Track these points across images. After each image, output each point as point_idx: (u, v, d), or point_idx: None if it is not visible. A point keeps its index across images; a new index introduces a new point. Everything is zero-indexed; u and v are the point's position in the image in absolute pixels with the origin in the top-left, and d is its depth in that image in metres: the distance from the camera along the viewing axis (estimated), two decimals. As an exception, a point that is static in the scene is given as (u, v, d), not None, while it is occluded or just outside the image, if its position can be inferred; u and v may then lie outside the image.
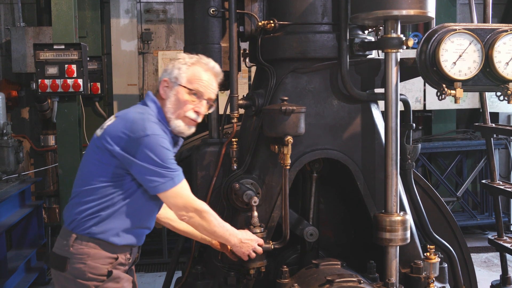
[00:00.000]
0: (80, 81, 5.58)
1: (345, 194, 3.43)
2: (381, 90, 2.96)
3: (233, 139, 3.09)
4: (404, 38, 2.78)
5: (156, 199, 2.58)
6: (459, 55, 2.73)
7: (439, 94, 2.77)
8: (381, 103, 3.02)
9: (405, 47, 2.79)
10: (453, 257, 3.24)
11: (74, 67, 5.58)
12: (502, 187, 4.04)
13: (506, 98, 2.79)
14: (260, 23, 3.11)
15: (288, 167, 2.89)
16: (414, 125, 3.20)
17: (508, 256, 4.17)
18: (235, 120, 3.14)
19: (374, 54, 3.31)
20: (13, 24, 6.96)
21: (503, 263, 4.12)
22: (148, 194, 2.54)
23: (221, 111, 3.43)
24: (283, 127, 2.84)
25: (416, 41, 6.06)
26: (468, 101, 7.38)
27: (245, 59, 3.44)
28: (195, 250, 3.22)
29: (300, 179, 3.28)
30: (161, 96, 2.63)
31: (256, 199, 2.93)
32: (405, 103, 3.18)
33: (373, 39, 3.19)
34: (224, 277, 3.04)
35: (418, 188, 3.36)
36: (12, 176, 5.68)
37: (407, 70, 3.00)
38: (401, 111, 2.87)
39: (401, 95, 2.96)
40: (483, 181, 4.26)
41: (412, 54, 3.19)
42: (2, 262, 4.93)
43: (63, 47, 5.56)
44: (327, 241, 3.40)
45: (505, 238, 4.09)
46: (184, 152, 3.53)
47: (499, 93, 2.83)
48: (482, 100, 4.11)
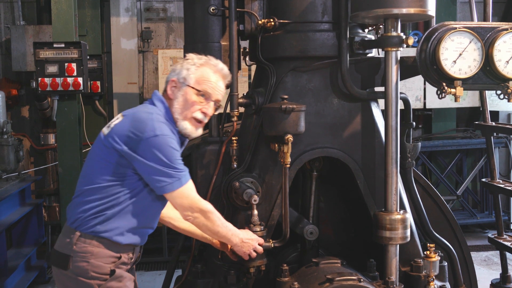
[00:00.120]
0: (80, 80, 5.57)
1: (345, 193, 3.43)
2: (381, 89, 2.96)
3: (233, 138, 3.09)
4: (404, 37, 2.78)
5: (162, 199, 2.58)
6: (459, 54, 2.73)
7: (439, 92, 2.77)
8: (381, 102, 3.02)
9: (405, 45, 2.78)
10: (453, 255, 3.24)
11: (74, 65, 5.56)
12: (502, 186, 4.03)
13: (506, 97, 2.79)
14: (260, 22, 3.10)
15: (288, 166, 2.89)
16: (414, 123, 3.20)
17: (508, 255, 4.17)
18: (235, 119, 3.15)
19: (374, 53, 3.31)
20: (13, 22, 6.95)
21: (503, 262, 4.12)
22: (154, 194, 2.54)
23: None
24: (283, 125, 2.83)
25: (416, 39, 6.02)
26: (468, 99, 7.38)
27: (245, 58, 3.44)
28: (195, 248, 3.22)
29: (300, 178, 3.28)
30: (169, 96, 2.63)
31: (256, 197, 2.92)
32: (405, 101, 3.18)
33: (373, 38, 3.19)
34: (224, 275, 3.04)
35: (418, 186, 3.36)
36: (12, 174, 5.67)
37: (407, 69, 3.00)
38: (401, 110, 2.87)
39: (401, 93, 2.96)
40: (483, 179, 4.26)
41: (412, 52, 3.18)
42: (2, 261, 4.93)
43: (63, 45, 5.55)
44: (327, 239, 3.40)
45: (505, 236, 4.08)
46: (184, 151, 3.52)
47: (499, 92, 2.83)
48: (482, 99, 4.10)
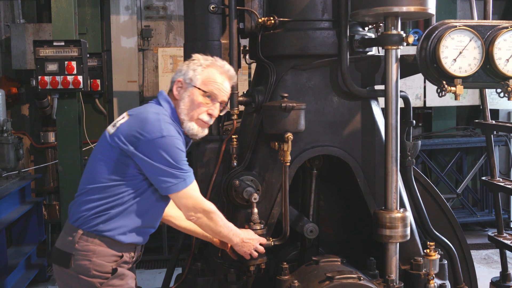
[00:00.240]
0: (80, 78, 5.57)
1: (345, 191, 3.43)
2: (381, 87, 2.96)
3: (233, 136, 3.09)
4: (404, 35, 2.78)
5: (165, 199, 2.58)
6: (459, 52, 2.72)
7: (439, 91, 2.77)
8: (381, 100, 3.02)
9: (405, 44, 2.78)
10: (453, 254, 3.24)
11: (74, 64, 5.56)
12: (502, 184, 4.03)
13: (506, 95, 2.78)
14: (260, 20, 3.10)
15: (288, 164, 2.89)
16: (414, 122, 3.21)
17: (508, 253, 4.16)
18: (235, 117, 3.14)
19: (374, 51, 3.31)
20: (12, 20, 6.95)
21: (503, 260, 4.12)
22: (158, 194, 2.54)
23: (221, 108, 3.43)
24: (283, 124, 2.83)
25: (416, 38, 6.02)
26: (468, 98, 7.37)
27: (245, 56, 3.44)
28: (195, 247, 3.22)
29: (300, 176, 3.28)
30: (175, 97, 2.62)
31: (256, 196, 2.92)
32: (405, 100, 3.18)
33: (373, 36, 3.19)
34: (224, 274, 3.04)
35: (418, 185, 3.36)
36: (12, 173, 5.68)
37: (407, 67, 3.00)
38: (401, 108, 2.87)
39: (401, 92, 2.96)
40: (483, 178, 4.25)
41: (412, 51, 3.18)
42: (2, 259, 4.93)
43: (63, 44, 5.55)
44: (327, 238, 3.40)
45: (505, 235, 4.08)
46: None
47: (499, 90, 2.83)
48: (482, 97, 4.09)
